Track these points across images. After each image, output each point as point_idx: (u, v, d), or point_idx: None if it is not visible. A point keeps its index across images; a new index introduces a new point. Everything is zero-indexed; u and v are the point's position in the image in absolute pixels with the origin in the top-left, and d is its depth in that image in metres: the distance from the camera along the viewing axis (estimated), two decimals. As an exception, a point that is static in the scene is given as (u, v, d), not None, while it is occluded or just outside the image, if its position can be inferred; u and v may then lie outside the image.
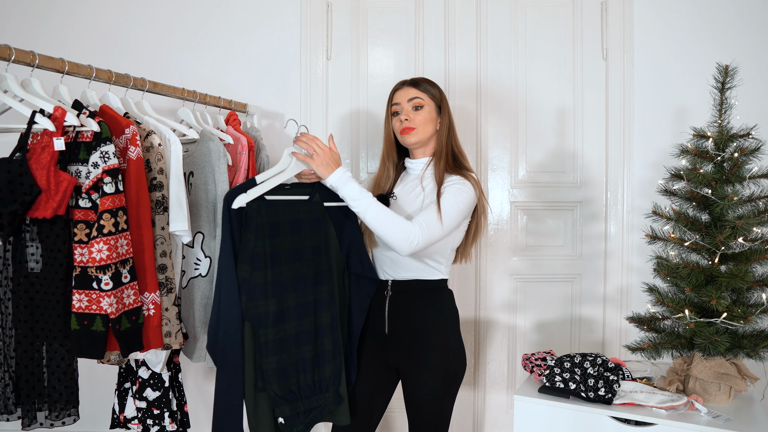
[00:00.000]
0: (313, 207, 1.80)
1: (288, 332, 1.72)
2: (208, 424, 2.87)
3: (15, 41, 1.66)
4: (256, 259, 1.69)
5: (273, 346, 1.70)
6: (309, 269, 1.77)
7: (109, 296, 1.57)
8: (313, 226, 1.79)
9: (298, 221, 1.77)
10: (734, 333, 1.81)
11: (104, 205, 1.56)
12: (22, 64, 1.58)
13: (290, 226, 1.75)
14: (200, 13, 2.81)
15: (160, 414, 1.94)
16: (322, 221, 1.81)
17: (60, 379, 1.64)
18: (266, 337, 1.69)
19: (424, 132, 1.87)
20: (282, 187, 1.79)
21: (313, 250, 1.79)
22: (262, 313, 1.69)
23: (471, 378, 2.81)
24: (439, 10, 2.76)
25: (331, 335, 1.79)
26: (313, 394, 1.77)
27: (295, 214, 1.77)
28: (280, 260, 1.72)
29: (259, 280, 1.69)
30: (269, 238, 1.71)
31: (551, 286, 2.79)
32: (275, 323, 1.70)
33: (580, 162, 2.74)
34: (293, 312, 1.74)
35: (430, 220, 1.73)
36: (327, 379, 1.78)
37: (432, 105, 1.88)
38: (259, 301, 1.69)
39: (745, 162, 1.86)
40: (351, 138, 2.81)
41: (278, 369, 1.70)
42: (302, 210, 1.79)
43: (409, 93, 1.88)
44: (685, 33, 2.67)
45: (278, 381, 1.70)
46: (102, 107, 1.73)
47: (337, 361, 1.80)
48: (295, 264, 1.75)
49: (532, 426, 1.85)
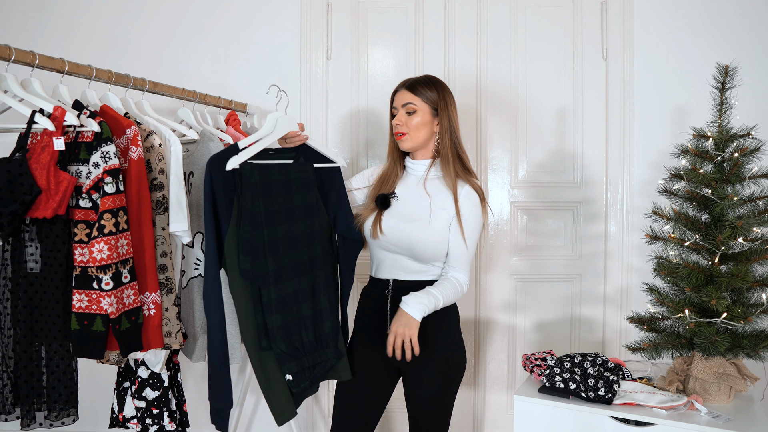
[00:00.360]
0: (302, 168, 1.84)
1: (287, 290, 1.76)
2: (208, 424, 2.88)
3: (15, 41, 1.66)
4: (254, 219, 1.71)
5: (276, 305, 1.73)
6: (302, 229, 1.81)
7: (109, 296, 1.57)
8: (303, 186, 1.83)
9: (290, 182, 1.80)
10: (734, 333, 1.81)
11: (105, 205, 1.56)
12: (22, 64, 1.58)
13: (282, 187, 1.78)
14: (200, 13, 2.81)
15: (159, 413, 1.94)
16: (312, 182, 1.85)
17: (59, 379, 1.64)
18: (269, 296, 1.72)
19: (417, 137, 1.86)
20: (267, 152, 1.82)
21: (305, 210, 1.82)
22: (264, 273, 1.72)
23: (471, 378, 2.81)
24: (439, 10, 2.76)
25: (327, 292, 1.85)
26: (315, 349, 1.81)
27: (287, 175, 1.80)
28: (274, 220, 1.75)
29: (258, 240, 1.71)
30: (263, 198, 1.73)
31: (551, 286, 2.79)
32: (275, 282, 1.73)
33: (580, 162, 2.74)
34: (290, 271, 1.77)
35: (464, 260, 1.85)
36: (326, 335, 1.84)
37: (426, 109, 1.86)
38: (260, 260, 1.71)
39: (745, 162, 1.86)
40: (351, 138, 2.81)
41: (282, 326, 1.74)
42: (292, 171, 1.82)
43: (403, 97, 1.87)
44: (685, 33, 2.67)
45: (283, 338, 1.74)
46: (102, 107, 1.73)
47: (334, 317, 1.86)
48: (289, 224, 1.78)
49: (532, 426, 1.85)
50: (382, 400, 1.92)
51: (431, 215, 1.82)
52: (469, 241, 1.84)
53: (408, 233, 1.81)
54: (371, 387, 1.89)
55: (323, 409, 2.85)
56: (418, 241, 1.80)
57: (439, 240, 1.81)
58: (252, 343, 1.72)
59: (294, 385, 1.76)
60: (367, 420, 1.90)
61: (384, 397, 1.92)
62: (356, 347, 1.94)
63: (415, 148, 1.88)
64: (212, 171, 1.69)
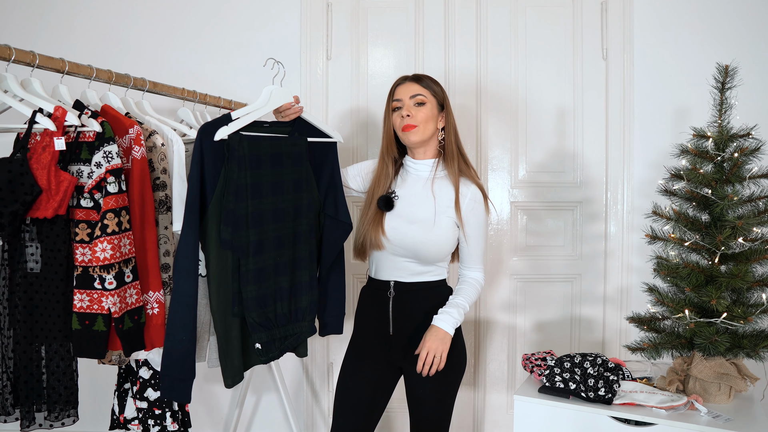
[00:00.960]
0: (295, 142, 1.84)
1: (267, 263, 1.77)
2: (209, 424, 2.88)
3: (15, 41, 1.66)
4: (239, 190, 1.71)
5: (253, 276, 1.73)
6: (289, 202, 1.81)
7: (112, 295, 1.57)
8: (294, 160, 1.83)
9: (280, 155, 1.80)
10: (734, 333, 1.81)
11: (108, 204, 1.56)
12: (22, 64, 1.58)
13: (272, 160, 1.78)
14: (201, 13, 2.81)
15: (161, 414, 1.94)
16: (304, 156, 1.85)
17: (59, 379, 1.64)
18: (247, 267, 1.72)
19: (425, 130, 1.83)
20: (261, 125, 1.82)
21: (294, 184, 1.82)
22: (244, 244, 1.72)
23: (471, 378, 2.82)
24: (439, 10, 2.76)
25: (309, 267, 1.86)
26: (288, 322, 1.83)
27: (277, 148, 1.80)
28: (261, 192, 1.75)
29: (242, 211, 1.72)
30: (251, 170, 1.73)
31: (551, 286, 2.79)
32: (255, 253, 1.74)
33: (580, 162, 2.75)
34: (272, 243, 1.78)
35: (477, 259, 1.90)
36: (303, 309, 1.85)
37: (434, 102, 1.85)
38: (242, 231, 1.71)
39: (745, 162, 1.86)
40: (351, 138, 2.81)
41: (257, 297, 1.75)
42: (284, 144, 1.82)
43: (411, 89, 1.84)
44: (685, 33, 2.67)
45: (257, 308, 1.75)
46: (104, 107, 1.74)
47: (313, 293, 1.88)
48: (276, 196, 1.78)
49: (532, 426, 1.85)
50: (382, 399, 1.92)
51: (436, 216, 1.81)
52: (478, 239, 1.86)
53: (411, 235, 1.80)
54: (372, 387, 1.89)
55: (323, 409, 2.85)
56: (423, 243, 1.79)
57: (444, 241, 1.81)
58: (222, 309, 1.73)
59: (262, 354, 1.78)
60: (368, 420, 1.90)
61: (384, 396, 1.92)
62: (357, 348, 1.94)
63: (422, 142, 1.85)
64: (202, 139, 1.69)
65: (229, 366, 1.75)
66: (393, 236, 1.81)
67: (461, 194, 1.82)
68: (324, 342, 2.83)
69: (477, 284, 1.89)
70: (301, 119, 1.90)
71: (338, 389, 1.92)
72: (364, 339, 1.92)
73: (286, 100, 1.84)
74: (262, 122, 1.82)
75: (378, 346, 1.89)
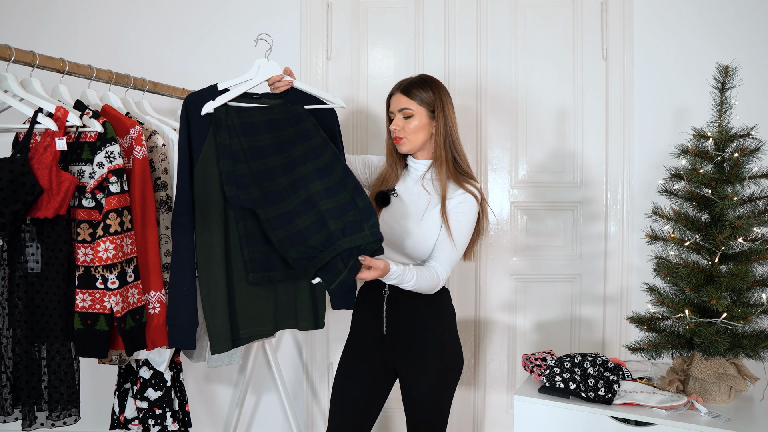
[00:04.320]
0: (288, 108, 1.85)
1: (288, 207, 1.75)
2: (209, 424, 2.88)
3: (15, 41, 1.67)
4: (235, 154, 1.74)
5: (276, 221, 1.73)
6: (300, 151, 1.80)
7: (115, 295, 1.58)
8: (294, 122, 1.83)
9: (275, 120, 1.81)
10: (734, 333, 1.81)
11: (110, 204, 1.57)
12: (22, 64, 1.59)
13: (266, 125, 1.79)
14: (200, 13, 2.81)
15: (162, 414, 1.94)
16: (304, 116, 1.85)
17: (61, 379, 1.64)
18: (267, 215, 1.73)
19: (415, 141, 1.84)
20: (251, 96, 1.83)
21: (302, 136, 1.81)
22: (256, 198, 1.73)
23: (471, 378, 2.82)
24: (439, 10, 2.76)
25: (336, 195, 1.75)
26: (344, 236, 1.71)
27: (270, 115, 1.81)
28: (262, 153, 1.77)
29: (243, 172, 1.74)
30: (243, 136, 1.76)
31: (551, 286, 2.79)
32: (273, 203, 1.75)
33: (580, 162, 2.75)
34: (288, 191, 1.77)
35: (447, 255, 1.79)
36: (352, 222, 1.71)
37: (423, 112, 1.83)
38: (248, 189, 1.73)
39: (745, 162, 1.86)
40: (351, 138, 2.81)
41: (288, 237, 1.72)
42: (278, 111, 1.83)
43: (399, 102, 1.85)
44: (685, 33, 2.67)
45: (293, 246, 1.71)
46: (104, 107, 1.74)
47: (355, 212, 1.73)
48: (284, 153, 1.79)
49: (532, 426, 1.85)
50: (378, 400, 1.92)
51: (425, 213, 1.82)
52: (455, 240, 1.79)
53: (399, 230, 1.81)
54: (368, 387, 1.89)
55: (323, 408, 2.85)
56: (409, 239, 1.80)
57: (430, 238, 1.80)
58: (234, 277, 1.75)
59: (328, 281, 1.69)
60: (364, 420, 1.90)
61: (381, 397, 1.92)
62: (353, 348, 1.94)
63: (414, 150, 1.87)
64: (188, 110, 1.72)
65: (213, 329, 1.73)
66: (384, 230, 1.83)
67: (448, 198, 1.81)
68: (324, 342, 2.83)
69: (434, 272, 1.77)
70: (296, 90, 1.89)
71: (334, 389, 1.92)
72: (360, 339, 1.92)
73: (274, 72, 1.85)
74: (251, 94, 1.83)
75: (373, 345, 1.89)
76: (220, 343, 1.74)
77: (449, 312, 1.91)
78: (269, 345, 2.65)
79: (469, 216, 1.82)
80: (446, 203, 1.80)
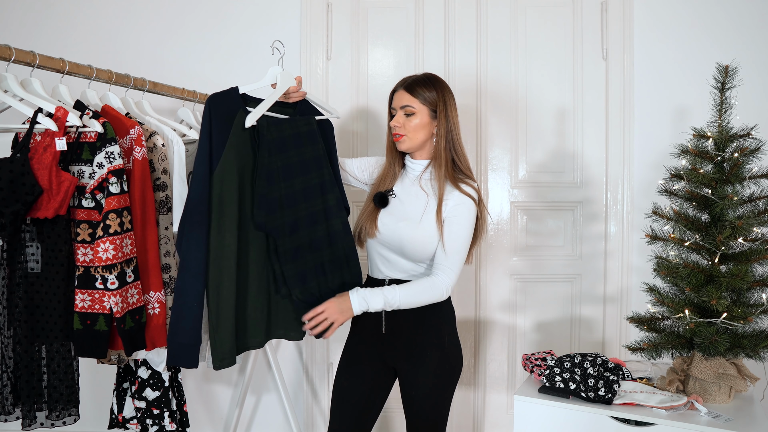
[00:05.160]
0: (308, 121, 1.88)
1: (302, 240, 1.80)
2: (208, 424, 2.88)
3: (15, 41, 1.67)
4: (271, 174, 1.74)
5: (291, 254, 1.76)
6: (315, 179, 1.85)
7: (114, 295, 1.58)
8: (311, 139, 1.86)
9: (300, 135, 1.83)
10: (734, 333, 1.81)
11: (110, 205, 1.57)
12: (22, 64, 1.59)
13: (294, 141, 1.81)
14: (201, 13, 2.81)
15: (159, 414, 1.94)
16: (318, 134, 1.89)
17: (60, 378, 1.64)
18: (285, 246, 1.76)
19: (415, 139, 1.83)
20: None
21: (315, 161, 1.86)
22: (279, 225, 1.75)
23: (471, 378, 2.82)
24: (439, 10, 2.76)
25: (345, 240, 1.89)
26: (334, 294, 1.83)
27: (296, 129, 1.83)
28: (291, 173, 1.79)
29: (275, 194, 1.75)
30: (278, 153, 1.77)
31: (551, 286, 2.79)
32: (291, 233, 1.77)
33: (580, 162, 2.75)
34: (306, 221, 1.81)
35: (449, 261, 1.79)
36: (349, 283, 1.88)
37: (425, 110, 1.83)
38: (276, 213, 1.74)
39: (745, 162, 1.86)
40: (351, 138, 2.81)
41: (298, 274, 1.77)
42: (300, 125, 1.85)
43: (402, 99, 1.84)
44: (685, 33, 2.67)
45: (299, 285, 1.77)
46: (104, 107, 1.74)
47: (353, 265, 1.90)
48: (304, 176, 1.82)
49: (532, 426, 1.85)
50: (378, 399, 1.92)
51: (423, 215, 1.81)
52: (451, 244, 1.78)
53: (399, 231, 1.81)
54: (368, 387, 1.89)
55: (323, 408, 2.85)
56: (408, 240, 1.79)
57: (429, 240, 1.79)
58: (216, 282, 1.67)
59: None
60: (365, 420, 1.90)
61: (381, 396, 1.92)
62: (353, 348, 1.94)
63: (413, 149, 1.86)
64: (212, 113, 1.67)
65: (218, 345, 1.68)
66: (383, 231, 1.84)
67: (444, 200, 1.80)
68: (324, 342, 2.83)
69: (434, 285, 1.77)
70: (304, 100, 1.93)
71: (334, 389, 1.92)
72: (360, 339, 1.92)
73: (291, 83, 1.87)
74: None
75: (372, 345, 1.89)
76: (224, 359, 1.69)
77: (449, 312, 1.91)
78: (269, 345, 2.65)
79: (466, 219, 1.80)
80: (442, 207, 1.79)
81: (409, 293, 1.76)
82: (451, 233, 1.78)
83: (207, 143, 1.65)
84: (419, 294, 1.77)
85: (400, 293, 1.76)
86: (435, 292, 1.77)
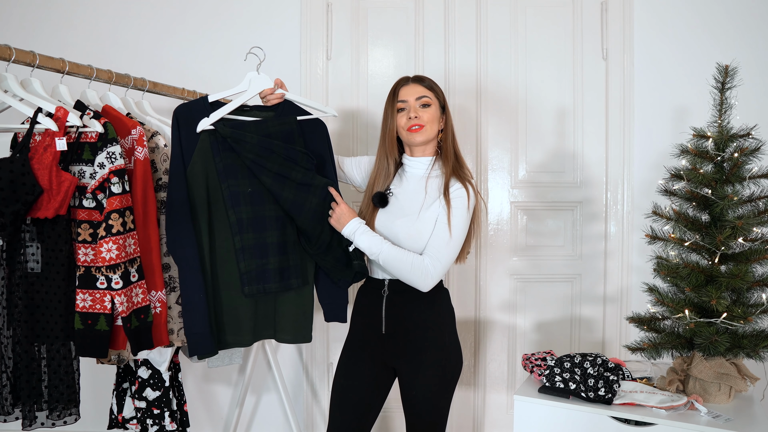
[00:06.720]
0: (283, 120, 1.87)
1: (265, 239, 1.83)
2: (208, 424, 2.88)
3: (15, 41, 1.67)
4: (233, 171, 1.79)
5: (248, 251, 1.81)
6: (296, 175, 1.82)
7: (119, 295, 1.58)
8: (285, 138, 1.85)
9: (269, 135, 1.83)
10: (734, 333, 1.81)
11: (112, 205, 1.57)
12: (22, 64, 1.59)
13: (259, 142, 1.80)
14: (200, 13, 2.81)
15: (160, 413, 1.94)
16: (295, 133, 1.87)
17: (61, 378, 1.64)
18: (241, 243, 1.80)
19: (431, 130, 1.86)
20: (242, 108, 1.85)
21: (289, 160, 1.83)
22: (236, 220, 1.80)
23: (471, 378, 2.82)
24: (439, 10, 2.76)
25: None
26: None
27: (264, 130, 1.83)
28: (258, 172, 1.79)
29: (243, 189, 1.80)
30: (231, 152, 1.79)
31: (551, 286, 2.79)
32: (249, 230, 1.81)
33: (580, 162, 2.75)
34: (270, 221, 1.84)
35: (440, 249, 1.78)
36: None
37: (437, 104, 1.88)
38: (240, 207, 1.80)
39: (745, 162, 1.86)
40: (351, 138, 2.81)
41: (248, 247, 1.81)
42: (271, 125, 1.85)
43: (416, 90, 1.86)
44: (685, 33, 2.67)
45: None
46: (105, 108, 1.74)
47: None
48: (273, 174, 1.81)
49: (532, 426, 1.85)
50: (378, 399, 1.92)
51: (421, 211, 1.82)
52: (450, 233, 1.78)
53: (396, 230, 1.82)
54: (367, 386, 1.89)
55: (323, 408, 2.85)
56: (405, 237, 1.81)
57: (426, 235, 1.80)
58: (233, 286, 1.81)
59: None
60: (364, 419, 1.90)
61: (380, 396, 1.92)
62: (352, 347, 1.94)
63: (426, 141, 1.87)
64: (179, 123, 1.76)
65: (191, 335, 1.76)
66: (381, 230, 1.85)
67: (450, 187, 1.83)
68: (324, 342, 2.83)
69: (415, 262, 1.77)
70: (288, 102, 1.92)
71: (334, 389, 1.92)
72: (359, 339, 1.92)
73: (266, 85, 1.87)
74: (243, 105, 1.85)
75: (372, 345, 1.89)
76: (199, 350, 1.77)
77: (449, 312, 1.91)
78: (269, 345, 2.65)
79: (463, 208, 1.81)
80: (449, 191, 1.82)
81: (393, 255, 1.78)
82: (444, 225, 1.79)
83: (179, 151, 1.75)
84: (401, 261, 1.77)
85: (387, 249, 1.78)
86: (416, 271, 1.77)
